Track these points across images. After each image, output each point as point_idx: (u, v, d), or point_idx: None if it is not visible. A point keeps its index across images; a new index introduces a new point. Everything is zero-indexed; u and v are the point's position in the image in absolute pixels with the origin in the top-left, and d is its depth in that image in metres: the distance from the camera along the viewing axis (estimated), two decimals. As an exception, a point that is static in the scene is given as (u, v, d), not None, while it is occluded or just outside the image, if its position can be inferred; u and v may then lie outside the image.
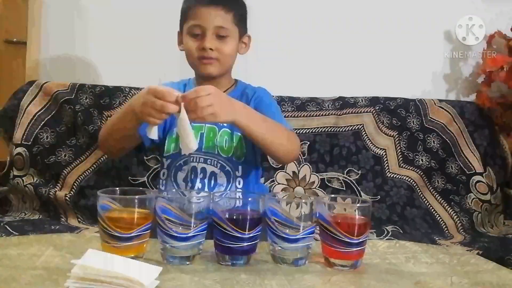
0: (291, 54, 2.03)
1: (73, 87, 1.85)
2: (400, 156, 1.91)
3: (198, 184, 1.30)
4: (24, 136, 1.80)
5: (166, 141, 1.35)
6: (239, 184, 1.33)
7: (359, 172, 1.86)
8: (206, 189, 1.29)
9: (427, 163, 1.91)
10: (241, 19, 1.40)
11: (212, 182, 1.31)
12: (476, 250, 1.54)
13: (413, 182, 1.88)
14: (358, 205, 1.02)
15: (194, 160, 1.31)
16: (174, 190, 1.28)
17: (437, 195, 1.89)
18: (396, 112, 1.94)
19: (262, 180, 1.34)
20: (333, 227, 0.95)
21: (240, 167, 1.33)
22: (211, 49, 1.32)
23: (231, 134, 1.33)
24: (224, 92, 1.35)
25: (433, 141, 1.93)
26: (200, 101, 1.06)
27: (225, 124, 1.33)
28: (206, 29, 1.33)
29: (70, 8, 2.04)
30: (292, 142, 1.30)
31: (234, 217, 0.95)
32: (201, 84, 1.30)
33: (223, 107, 1.11)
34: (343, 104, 1.94)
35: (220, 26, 1.33)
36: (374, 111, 1.93)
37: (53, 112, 1.83)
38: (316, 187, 1.83)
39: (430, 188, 1.90)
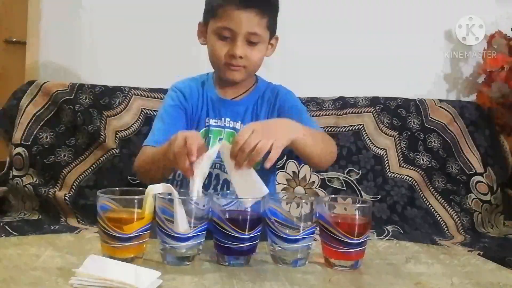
0: (291, 54, 2.03)
1: (72, 87, 1.85)
2: (401, 156, 1.90)
3: (210, 191, 1.21)
4: (24, 136, 1.80)
5: None
6: None
7: (360, 172, 1.86)
8: None
9: (428, 163, 1.91)
10: (273, 22, 1.30)
11: (225, 190, 1.24)
12: (477, 251, 1.54)
13: (414, 182, 1.88)
14: (358, 205, 1.02)
15: (210, 166, 1.21)
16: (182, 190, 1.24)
17: (437, 195, 1.89)
18: (397, 112, 1.94)
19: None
20: (333, 227, 0.94)
21: None
22: (240, 57, 1.23)
23: None
24: (244, 93, 1.33)
25: (434, 141, 1.93)
26: (247, 145, 0.95)
27: None
28: (237, 34, 1.22)
29: (70, 8, 2.03)
30: (333, 144, 1.25)
31: (234, 217, 0.95)
32: (221, 83, 1.31)
33: (271, 132, 1.00)
34: (343, 104, 1.94)
35: (253, 32, 1.23)
36: (374, 111, 1.93)
37: (53, 112, 1.83)
38: (317, 187, 1.83)
39: (431, 188, 1.90)
